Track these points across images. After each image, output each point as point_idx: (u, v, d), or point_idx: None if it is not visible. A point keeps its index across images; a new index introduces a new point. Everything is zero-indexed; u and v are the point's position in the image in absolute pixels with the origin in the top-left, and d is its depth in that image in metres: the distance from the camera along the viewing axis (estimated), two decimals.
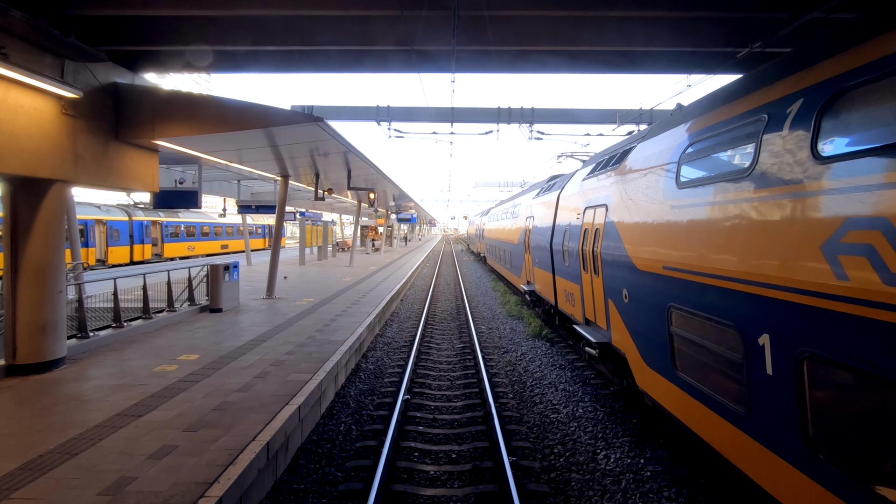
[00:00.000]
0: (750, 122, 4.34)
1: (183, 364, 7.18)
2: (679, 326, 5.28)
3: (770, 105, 4.10)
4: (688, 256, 4.99)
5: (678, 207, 5.40)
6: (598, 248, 7.94)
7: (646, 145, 7.14)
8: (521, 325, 13.97)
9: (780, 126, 3.88)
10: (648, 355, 6.24)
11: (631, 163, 7.41)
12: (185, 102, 7.91)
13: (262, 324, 10.38)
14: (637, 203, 6.65)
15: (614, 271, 7.29)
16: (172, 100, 7.89)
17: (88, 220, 23.12)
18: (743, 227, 4.10)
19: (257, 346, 8.46)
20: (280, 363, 7.38)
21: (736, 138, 4.51)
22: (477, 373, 9.53)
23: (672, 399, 5.59)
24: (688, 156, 5.44)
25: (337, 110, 13.79)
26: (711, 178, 4.83)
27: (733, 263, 4.16)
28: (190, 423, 5.01)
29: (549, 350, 11.19)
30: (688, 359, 5.15)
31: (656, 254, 5.76)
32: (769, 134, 3.97)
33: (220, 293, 11.45)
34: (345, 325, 10.46)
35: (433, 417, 7.43)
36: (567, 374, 9.34)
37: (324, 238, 29.61)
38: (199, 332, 9.39)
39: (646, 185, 6.46)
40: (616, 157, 8.36)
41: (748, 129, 4.34)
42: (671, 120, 6.73)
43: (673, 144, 5.98)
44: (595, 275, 8.25)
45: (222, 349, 8.09)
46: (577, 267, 9.38)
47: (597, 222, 8.27)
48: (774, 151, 3.88)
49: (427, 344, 11.91)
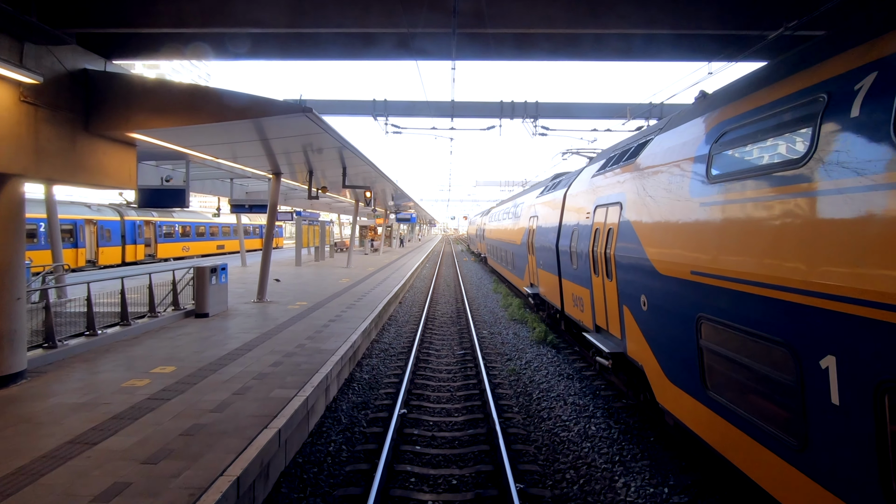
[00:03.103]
0: (803, 102, 3.69)
1: (156, 378, 6.53)
2: (711, 340, 4.65)
3: (831, 82, 3.45)
4: (723, 261, 4.35)
5: (709, 205, 4.76)
6: (612, 251, 7.31)
7: (665, 137, 6.51)
8: (524, 330, 13.32)
9: (845, 105, 3.24)
10: (671, 370, 5.61)
11: (648, 157, 6.78)
12: (162, 91, 7.26)
13: (249, 330, 9.73)
14: (657, 201, 6.02)
15: (630, 275, 6.66)
16: (148, 88, 7.24)
17: (78, 220, 22.47)
18: (799, 226, 3.45)
19: (241, 355, 7.81)
20: (264, 376, 6.72)
21: (785, 123, 3.86)
22: (479, 383, 8.90)
23: (700, 421, 4.95)
24: (720, 146, 4.80)
25: (332, 104, 13.14)
26: (752, 169, 4.18)
27: (786, 270, 3.51)
28: (151, 452, 4.36)
29: (556, 357, 10.55)
30: (722, 377, 4.51)
31: (682, 257, 5.13)
32: (832, 115, 3.32)
33: (207, 297, 10.80)
34: (338, 332, 9.82)
35: (431, 435, 6.80)
36: (576, 385, 8.70)
37: (321, 238, 28.95)
38: (181, 340, 8.74)
39: (667, 181, 5.83)
40: (630, 152, 7.74)
41: (801, 111, 3.69)
42: (695, 109, 6.10)
43: (699, 135, 5.35)
44: (608, 279, 7.62)
45: (203, 360, 7.44)
46: (586, 270, 8.74)
47: (609, 222, 7.63)
48: (839, 136, 3.23)
49: (426, 350, 11.28)
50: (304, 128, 8.18)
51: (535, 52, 7.64)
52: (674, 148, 6.01)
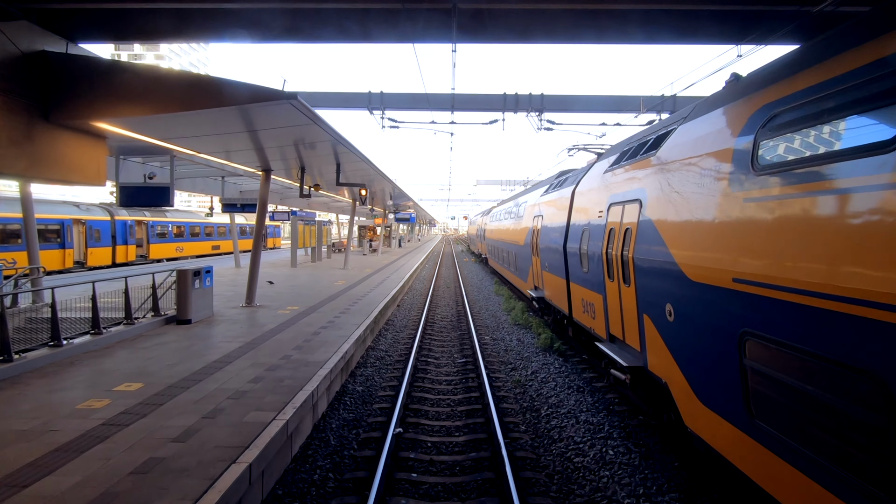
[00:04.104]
0: (888, 72, 2.97)
1: (119, 398, 5.79)
2: (759, 360, 3.92)
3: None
4: (778, 267, 3.62)
5: (756, 200, 4.03)
6: (630, 253, 6.58)
7: (692, 126, 5.80)
8: (529, 336, 12.59)
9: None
10: (704, 390, 4.89)
11: (672, 149, 6.07)
12: (130, 75, 6.52)
13: (233, 339, 8.99)
14: (685, 197, 5.30)
15: (653, 281, 5.94)
16: (114, 72, 6.51)
17: (65, 220, 21.73)
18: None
19: (219, 369, 7.06)
20: (240, 395, 5.98)
21: (868, 97, 3.12)
22: (482, 396, 8.17)
23: (745, 454, 4.21)
24: (769, 131, 4.07)
25: (324, 97, 12.43)
26: (821, 157, 3.45)
27: (873, 281, 2.79)
28: (89, 498, 3.62)
29: (563, 367, 9.81)
30: (776, 405, 3.78)
31: (721, 262, 4.40)
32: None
33: (189, 302, 10.06)
34: (330, 340, 9.08)
35: (430, 459, 6.07)
36: (587, 400, 7.96)
37: (318, 239, 28.20)
38: (157, 351, 8.00)
39: (698, 175, 5.11)
40: (649, 144, 7.02)
41: (882, 83, 2.97)
42: (728, 93, 5.38)
43: (739, 120, 4.63)
44: (624, 284, 6.89)
45: (175, 374, 6.69)
46: (599, 274, 8.01)
47: (626, 221, 6.91)
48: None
49: (424, 358, 10.55)
50: (289, 118, 7.45)
51: (547, 33, 6.90)
52: (704, 137, 5.30)
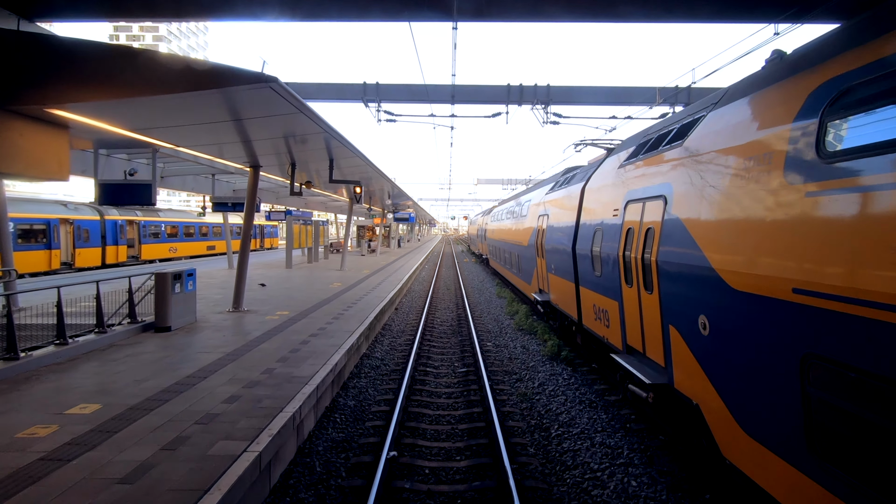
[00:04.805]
0: None
1: (69, 422, 5.04)
2: (830, 390, 3.19)
3: None
4: (857, 276, 2.90)
5: (825, 193, 3.30)
6: (653, 256, 5.85)
7: (728, 111, 5.09)
8: (534, 343, 11.85)
9: None
10: (749, 418, 4.17)
11: (703, 138, 5.36)
12: (89, 56, 5.76)
13: (213, 349, 8.24)
14: (724, 191, 4.58)
15: (681, 288, 5.22)
16: (70, 51, 5.76)
17: (52, 220, 20.97)
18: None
19: (192, 386, 6.32)
20: (210, 419, 5.23)
21: None
22: (485, 413, 7.44)
23: (805, 500, 3.48)
24: (842, 109, 3.34)
25: (317, 88, 11.69)
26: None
27: None
28: None
29: (572, 378, 9.07)
30: (851, 446, 3.06)
31: (776, 268, 3.67)
32: None
33: (169, 308, 9.32)
34: (319, 350, 8.34)
35: (427, 490, 5.35)
36: (602, 417, 7.22)
37: (315, 239, 27.45)
38: (126, 363, 7.25)
39: (741, 165, 4.39)
40: (672, 134, 6.30)
41: None
42: (772, 71, 4.67)
43: (795, 98, 3.90)
44: (645, 290, 6.16)
45: (140, 393, 5.94)
46: (614, 278, 7.28)
47: (648, 220, 6.19)
48: None
49: (423, 368, 9.81)
50: (271, 105, 6.71)
51: (559, 10, 6.17)
52: (746, 122, 4.58)
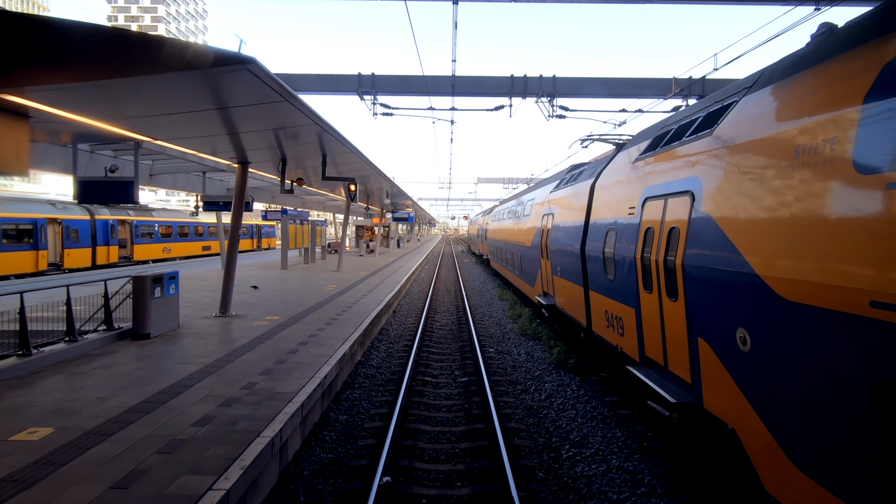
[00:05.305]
0: None
1: (10, 451, 4.35)
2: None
3: None
4: None
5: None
6: (678, 258, 5.21)
7: (768, 94, 4.49)
8: (538, 349, 11.19)
9: None
10: (803, 452, 3.54)
11: (738, 126, 4.74)
12: (32, 29, 5.11)
13: (193, 359, 7.58)
14: (772, 185, 3.94)
15: (715, 296, 4.58)
16: (18, 28, 5.10)
17: (38, 219, 20.31)
18: None
19: (161, 404, 5.65)
20: (176, 447, 4.56)
21: None
22: (489, 429, 6.79)
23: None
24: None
25: (309, 80, 11.04)
26: None
27: None
28: None
29: (582, 389, 8.42)
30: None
31: (847, 276, 3.03)
32: None
33: (148, 314, 8.66)
34: (307, 361, 7.68)
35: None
36: (617, 436, 6.57)
37: (311, 239, 26.79)
38: (93, 377, 6.59)
39: (795, 154, 3.75)
40: (698, 123, 5.67)
41: None
42: (824, 46, 4.05)
43: (867, 71, 3.26)
44: (668, 297, 5.52)
45: (101, 413, 5.29)
46: (629, 282, 6.64)
47: (671, 219, 5.55)
48: None
49: (421, 377, 9.17)
50: (252, 92, 6.05)
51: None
52: (796, 105, 3.95)
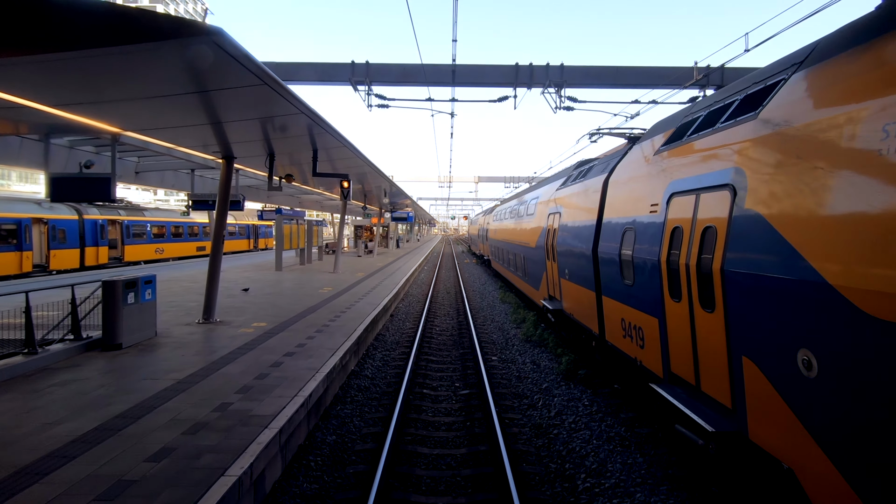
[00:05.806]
0: None
1: None
2: None
3: None
4: None
5: None
6: (717, 263, 4.47)
7: (832, 68, 3.76)
8: (545, 357, 10.45)
9: None
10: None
11: (792, 105, 4.03)
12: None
13: (165, 373, 6.83)
14: (849, 176, 3.20)
15: (766, 308, 3.86)
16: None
17: (23, 219, 19.56)
18: None
19: (115, 432, 4.88)
20: (121, 491, 3.79)
21: None
22: (493, 452, 6.05)
23: None
24: None
25: (299, 68, 10.29)
26: None
27: None
28: None
29: (594, 404, 7.66)
30: None
31: None
32: None
33: (120, 322, 7.91)
34: (292, 375, 6.94)
35: None
36: (638, 462, 5.82)
37: (307, 239, 26.03)
38: (48, 397, 5.84)
39: (881, 137, 3.01)
40: (737, 105, 4.94)
41: None
42: None
43: None
44: (702, 308, 4.77)
45: (43, 444, 4.53)
46: (652, 288, 5.89)
47: (706, 216, 4.81)
48: None
49: (419, 390, 8.43)
50: (223, 73, 5.31)
51: None
52: (875, 78, 3.22)
